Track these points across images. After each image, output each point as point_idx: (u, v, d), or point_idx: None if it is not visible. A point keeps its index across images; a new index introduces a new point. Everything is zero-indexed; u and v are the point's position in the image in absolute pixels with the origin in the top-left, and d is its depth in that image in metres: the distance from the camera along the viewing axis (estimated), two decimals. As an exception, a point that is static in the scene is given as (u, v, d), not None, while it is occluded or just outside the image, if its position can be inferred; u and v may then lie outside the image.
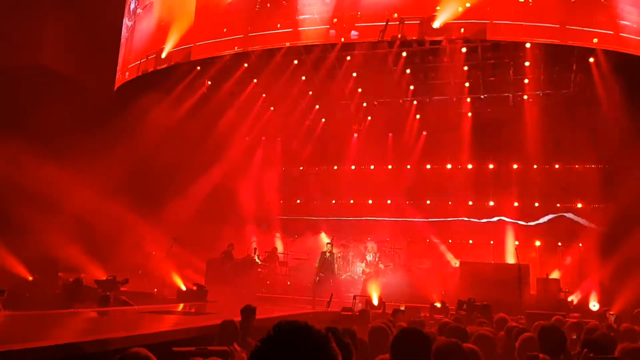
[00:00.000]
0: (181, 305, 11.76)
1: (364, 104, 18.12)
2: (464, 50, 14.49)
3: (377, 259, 14.68)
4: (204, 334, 6.63)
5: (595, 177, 15.87)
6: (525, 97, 16.38)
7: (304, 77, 16.51)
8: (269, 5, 14.76)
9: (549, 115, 15.66)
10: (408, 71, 15.93)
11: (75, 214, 13.87)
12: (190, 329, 7.16)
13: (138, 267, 14.62)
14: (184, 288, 13.18)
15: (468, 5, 12.91)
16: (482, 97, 17.05)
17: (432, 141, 17.99)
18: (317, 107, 18.45)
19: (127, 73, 17.06)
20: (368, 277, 14.38)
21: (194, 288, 12.78)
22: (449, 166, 18.45)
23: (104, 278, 12.04)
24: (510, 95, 16.78)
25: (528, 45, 13.76)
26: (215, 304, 11.90)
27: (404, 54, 15.00)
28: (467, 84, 16.30)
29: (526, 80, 15.72)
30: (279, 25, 14.62)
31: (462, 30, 13.31)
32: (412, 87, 16.93)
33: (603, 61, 13.63)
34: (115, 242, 14.62)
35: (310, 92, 17.45)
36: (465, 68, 15.38)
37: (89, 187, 13.94)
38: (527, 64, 14.67)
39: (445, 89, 16.85)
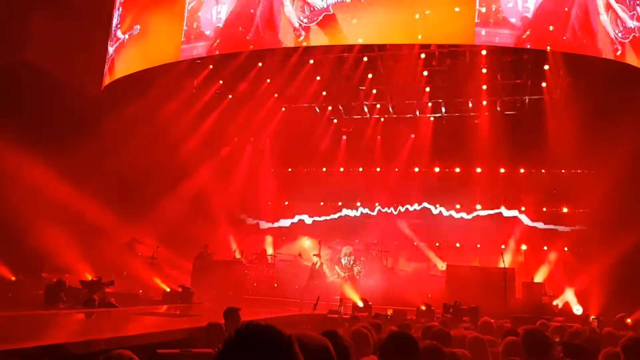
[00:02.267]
0: (166, 307, 11.69)
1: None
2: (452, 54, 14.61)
3: (351, 263, 14.70)
4: (189, 336, 6.60)
5: (581, 182, 16.01)
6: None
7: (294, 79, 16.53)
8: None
9: (535, 120, 15.83)
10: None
11: (60, 214, 13.74)
12: (176, 330, 7.11)
13: (124, 268, 14.51)
14: (168, 290, 13.10)
15: (457, 9, 12.96)
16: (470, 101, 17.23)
17: (420, 144, 18.08)
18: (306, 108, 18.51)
19: (113, 72, 16.92)
20: (343, 281, 14.42)
21: (180, 290, 12.71)
22: (436, 169, 18.54)
23: (89, 279, 11.94)
24: (498, 99, 16.92)
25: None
26: (201, 306, 11.84)
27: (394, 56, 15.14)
28: (455, 88, 16.41)
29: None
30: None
31: (452, 34, 13.37)
32: (401, 90, 16.98)
33: (588, 67, 13.80)
34: (101, 243, 14.51)
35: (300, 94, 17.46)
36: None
37: (75, 187, 13.82)
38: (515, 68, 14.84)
39: (435, 93, 16.96)
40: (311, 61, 15.44)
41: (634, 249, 12.32)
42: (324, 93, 17.46)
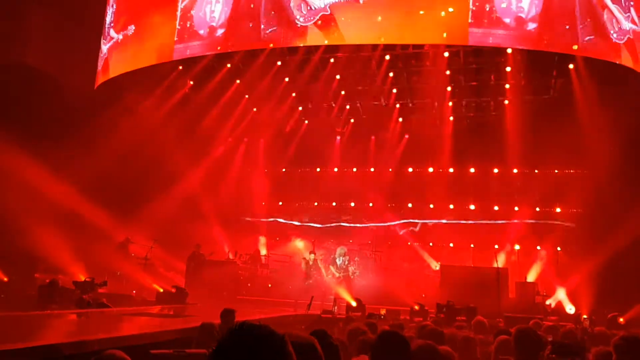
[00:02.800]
0: (160, 308, 11.66)
1: (347, 107, 18.27)
2: (446, 54, 14.65)
3: (346, 263, 14.72)
4: (182, 336, 6.59)
5: (575, 181, 16.07)
6: (507, 102, 16.57)
7: (287, 79, 16.54)
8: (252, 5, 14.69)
9: (529, 120, 15.89)
10: (391, 74, 16.09)
11: (54, 214, 13.68)
12: (169, 331, 7.10)
13: (117, 269, 14.46)
14: (161, 290, 13.06)
15: (451, 10, 13.00)
16: (463, 102, 17.27)
17: (414, 144, 18.13)
18: (300, 108, 18.50)
19: (107, 72, 16.84)
20: (338, 282, 14.44)
21: (173, 290, 12.68)
22: (430, 169, 18.58)
23: (82, 280, 11.89)
24: (492, 100, 16.97)
25: (509, 50, 13.96)
26: (195, 307, 11.81)
27: (387, 57, 15.15)
28: (449, 88, 16.47)
29: (507, 86, 15.92)
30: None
31: (445, 35, 13.41)
32: (394, 91, 17.06)
33: (582, 68, 13.89)
34: (94, 244, 14.46)
35: (294, 94, 17.48)
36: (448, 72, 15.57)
37: (68, 187, 13.77)
38: (508, 69, 14.91)
39: (427, 93, 17.00)
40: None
41: (625, 248, 12.39)
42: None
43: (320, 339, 2.24)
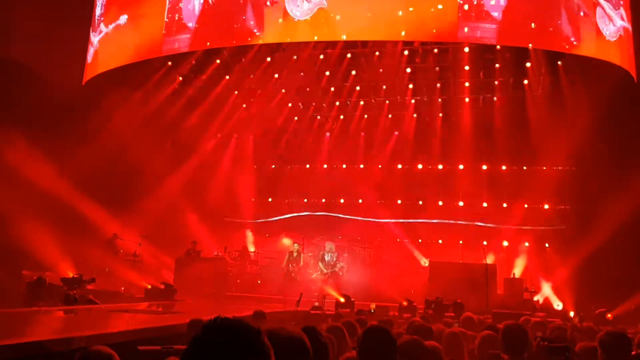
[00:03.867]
0: (149, 304, 11.62)
1: (337, 103, 18.28)
2: (435, 51, 14.70)
3: (334, 259, 14.74)
4: (171, 333, 6.57)
5: (562, 178, 16.18)
6: (495, 99, 16.67)
7: (276, 75, 16.51)
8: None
9: (517, 117, 16.00)
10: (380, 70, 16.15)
11: (41, 210, 13.57)
12: (157, 327, 7.08)
13: (105, 265, 14.38)
14: (149, 287, 13.00)
15: (440, 7, 13.01)
16: (453, 99, 17.35)
17: (404, 141, 18.18)
18: (289, 105, 18.47)
19: (96, 66, 16.67)
20: (326, 278, 14.46)
21: (162, 287, 12.63)
22: (419, 166, 18.62)
23: (70, 276, 11.80)
24: (480, 96, 17.04)
25: (498, 47, 14.02)
26: (184, 303, 11.79)
27: (377, 53, 15.18)
28: (438, 85, 16.54)
29: (496, 82, 16.02)
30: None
31: (435, 31, 13.40)
32: (384, 87, 17.09)
33: (570, 65, 14.00)
34: (82, 240, 14.36)
35: (283, 90, 17.45)
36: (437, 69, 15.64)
37: (56, 183, 13.65)
38: (496, 66, 14.98)
39: (418, 90, 17.06)
40: (295, 57, 15.43)
41: (610, 243, 12.50)
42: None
43: (310, 335, 2.24)
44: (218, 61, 15.87)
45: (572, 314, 10.82)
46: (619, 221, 12.35)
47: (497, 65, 14.95)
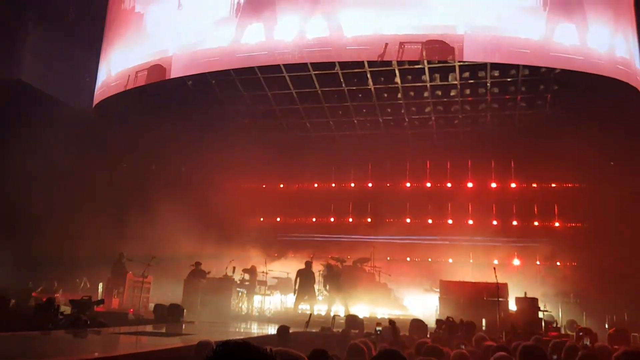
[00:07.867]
0: (157, 326, 11.55)
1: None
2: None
3: (341, 278, 14.78)
4: (179, 355, 6.52)
5: (573, 196, 16.07)
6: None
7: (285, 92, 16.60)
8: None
9: (527, 135, 15.94)
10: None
11: (51, 232, 13.62)
12: (166, 349, 7.03)
13: (114, 286, 14.37)
14: (158, 308, 12.92)
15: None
16: (460, 116, 17.31)
17: (413, 160, 18.18)
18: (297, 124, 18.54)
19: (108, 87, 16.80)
20: (334, 297, 14.50)
21: (170, 308, 12.55)
22: (428, 185, 18.55)
23: (79, 298, 11.78)
24: (489, 114, 17.01)
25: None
26: (192, 325, 11.72)
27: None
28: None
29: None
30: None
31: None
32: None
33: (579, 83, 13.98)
34: (92, 261, 14.38)
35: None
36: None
37: (67, 204, 13.73)
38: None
39: (424, 109, 17.05)
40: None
41: (621, 261, 12.37)
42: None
43: (320, 358, 2.22)
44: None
45: (580, 332, 10.63)
46: (631, 237, 12.23)
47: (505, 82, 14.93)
